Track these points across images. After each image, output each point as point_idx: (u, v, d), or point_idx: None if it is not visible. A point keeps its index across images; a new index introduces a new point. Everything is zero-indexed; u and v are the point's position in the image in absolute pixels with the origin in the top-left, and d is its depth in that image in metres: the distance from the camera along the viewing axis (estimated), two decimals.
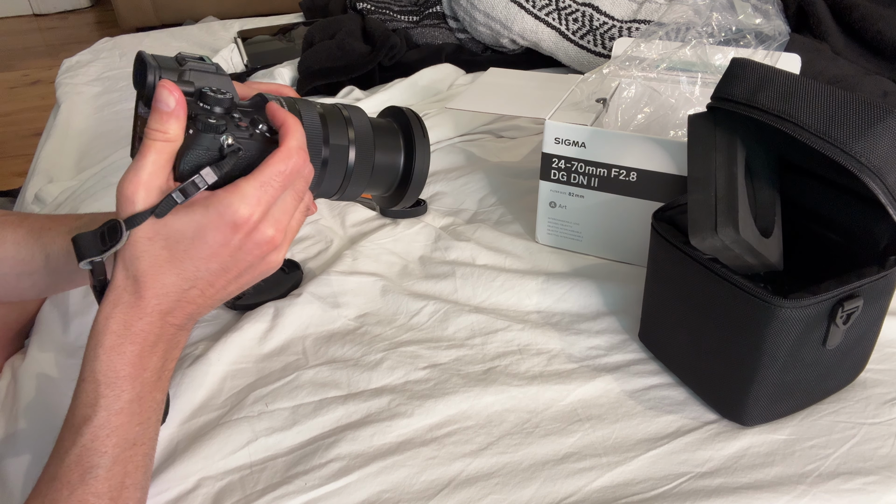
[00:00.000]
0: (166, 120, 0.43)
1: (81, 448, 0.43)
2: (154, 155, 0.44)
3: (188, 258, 0.45)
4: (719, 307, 0.53)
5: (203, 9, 2.77)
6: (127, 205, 0.44)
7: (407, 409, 0.58)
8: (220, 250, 0.46)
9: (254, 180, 0.45)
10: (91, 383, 0.44)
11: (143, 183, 0.44)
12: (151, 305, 0.46)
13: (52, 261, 0.58)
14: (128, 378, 0.45)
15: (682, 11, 0.76)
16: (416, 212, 0.84)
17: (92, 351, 0.45)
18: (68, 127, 1.13)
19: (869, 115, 0.48)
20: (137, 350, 0.45)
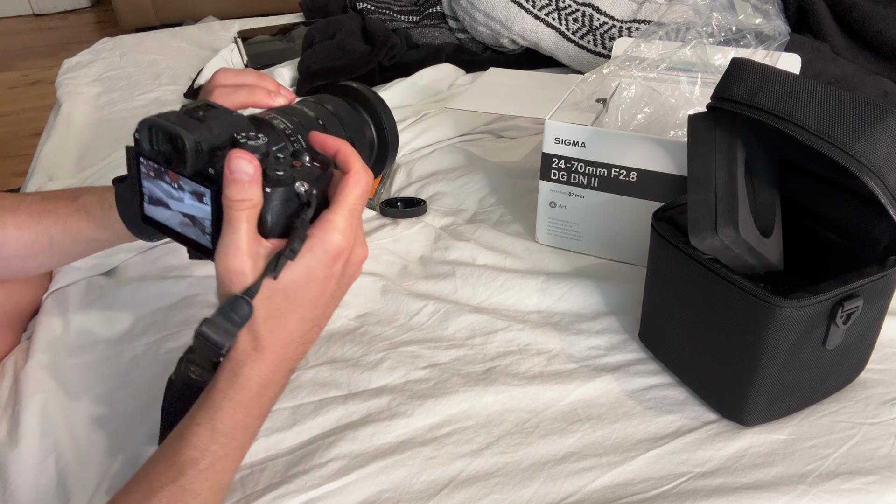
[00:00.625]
0: (249, 187, 0.44)
1: (179, 487, 0.44)
2: (246, 223, 0.45)
3: (306, 301, 0.47)
4: (719, 307, 0.53)
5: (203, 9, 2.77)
6: (238, 278, 0.45)
7: (407, 408, 0.58)
8: (329, 283, 0.48)
9: (341, 210, 0.47)
10: (207, 430, 0.45)
11: (247, 253, 0.45)
12: (278, 355, 0.47)
13: (56, 243, 0.60)
14: (242, 428, 0.47)
15: (682, 11, 0.76)
16: (416, 212, 0.84)
17: (217, 401, 0.46)
18: (68, 126, 1.13)
19: (869, 115, 0.48)
20: (259, 401, 0.47)
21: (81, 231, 0.60)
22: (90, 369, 0.65)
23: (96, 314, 0.70)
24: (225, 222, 0.45)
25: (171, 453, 0.45)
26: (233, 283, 0.45)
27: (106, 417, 0.60)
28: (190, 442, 0.45)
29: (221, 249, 0.45)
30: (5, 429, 0.58)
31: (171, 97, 1.21)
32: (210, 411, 0.45)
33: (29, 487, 0.54)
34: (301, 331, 0.48)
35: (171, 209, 0.49)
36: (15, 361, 0.66)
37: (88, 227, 0.60)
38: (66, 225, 0.59)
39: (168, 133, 0.45)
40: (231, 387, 0.46)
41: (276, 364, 0.47)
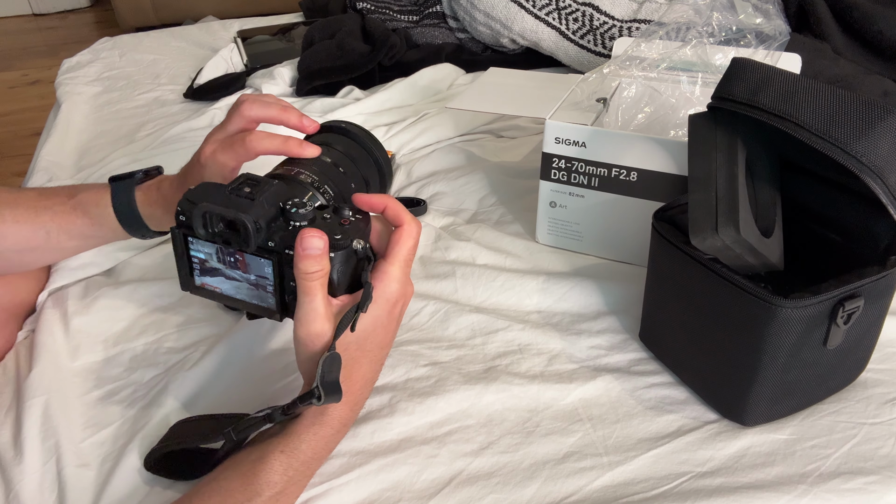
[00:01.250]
0: (320, 260, 0.48)
1: None
2: (321, 291, 0.49)
3: (374, 346, 0.52)
4: (720, 307, 0.53)
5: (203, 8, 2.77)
6: (320, 340, 0.49)
7: (408, 406, 0.58)
8: (390, 327, 0.53)
9: (398, 262, 0.52)
10: (289, 457, 0.48)
11: (325, 316, 0.49)
12: (356, 397, 0.52)
13: (52, 238, 0.61)
14: (317, 460, 0.50)
15: (683, 11, 0.76)
16: (416, 212, 0.84)
17: (301, 434, 0.49)
18: (68, 126, 1.13)
19: (870, 115, 0.48)
20: (336, 437, 0.51)
21: (77, 227, 0.61)
22: (91, 371, 0.65)
23: (96, 314, 0.70)
24: (301, 292, 0.49)
25: (249, 474, 0.47)
26: (315, 344, 0.49)
27: (107, 420, 0.59)
28: (271, 466, 0.47)
29: (301, 317, 0.49)
30: (9, 433, 0.58)
31: (171, 97, 1.21)
32: (294, 443, 0.48)
33: (32, 491, 0.53)
34: (372, 372, 0.53)
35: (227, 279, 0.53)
36: (16, 363, 0.65)
37: (84, 223, 0.61)
38: (63, 221, 0.60)
39: (226, 218, 0.49)
40: (316, 424, 0.49)
41: (353, 405, 0.52)
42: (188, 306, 0.72)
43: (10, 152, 2.29)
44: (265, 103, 0.62)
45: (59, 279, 0.74)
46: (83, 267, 0.76)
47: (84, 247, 0.66)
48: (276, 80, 1.16)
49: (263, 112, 0.62)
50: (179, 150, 0.99)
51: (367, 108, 1.06)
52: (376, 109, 1.07)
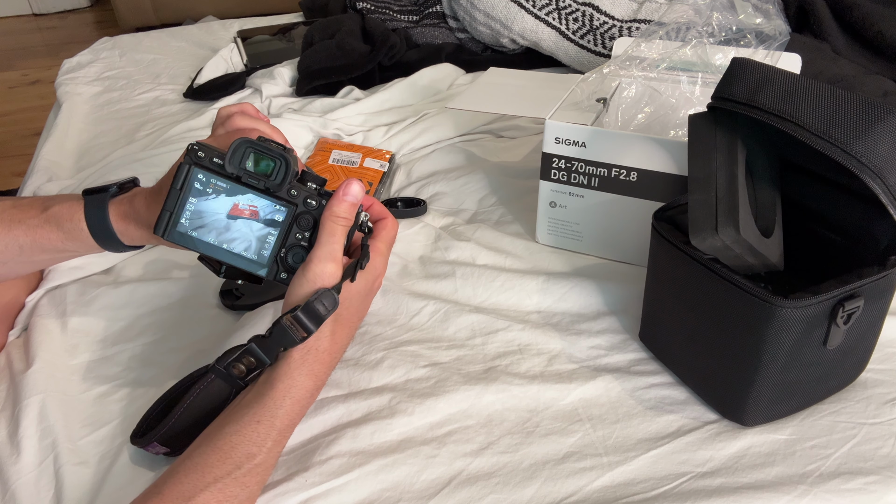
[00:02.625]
0: (353, 210, 0.54)
1: (233, 479, 0.47)
2: (342, 237, 0.53)
3: (357, 313, 0.56)
4: (720, 307, 0.53)
5: (202, 8, 2.77)
6: (329, 278, 0.52)
7: (408, 407, 0.58)
8: (367, 298, 0.57)
9: (385, 241, 0.58)
10: (266, 426, 0.49)
11: (339, 260, 0.53)
12: (332, 360, 0.54)
13: (25, 252, 0.60)
14: (293, 427, 0.52)
15: (683, 11, 0.76)
16: (416, 212, 0.84)
17: (279, 399, 0.50)
18: (68, 126, 1.13)
19: (870, 115, 0.48)
20: (310, 401, 0.53)
21: (50, 242, 0.60)
22: (89, 369, 0.65)
23: (94, 314, 0.70)
24: (326, 233, 0.53)
25: (225, 447, 0.47)
26: (325, 283, 0.52)
27: (105, 418, 0.59)
28: (249, 438, 0.48)
29: (321, 255, 0.52)
30: (5, 431, 0.58)
31: (171, 97, 1.21)
32: (271, 409, 0.49)
33: (28, 490, 0.54)
34: (349, 338, 0.56)
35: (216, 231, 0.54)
36: (11, 362, 0.65)
37: (57, 238, 0.60)
38: (35, 236, 0.60)
39: (271, 156, 0.52)
40: (293, 386, 0.50)
41: (327, 365, 0.53)
42: (186, 307, 0.72)
43: (10, 152, 2.29)
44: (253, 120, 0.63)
45: (57, 278, 0.74)
46: (81, 267, 0.76)
47: (58, 259, 0.67)
48: (276, 80, 1.16)
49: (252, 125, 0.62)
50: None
51: (367, 108, 1.06)
52: (376, 109, 1.07)
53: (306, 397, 0.52)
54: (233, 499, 0.46)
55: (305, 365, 0.51)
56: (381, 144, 0.99)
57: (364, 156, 0.94)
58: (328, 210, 0.53)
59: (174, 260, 0.78)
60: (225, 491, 0.46)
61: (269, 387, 0.50)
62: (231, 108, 0.63)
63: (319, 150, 0.95)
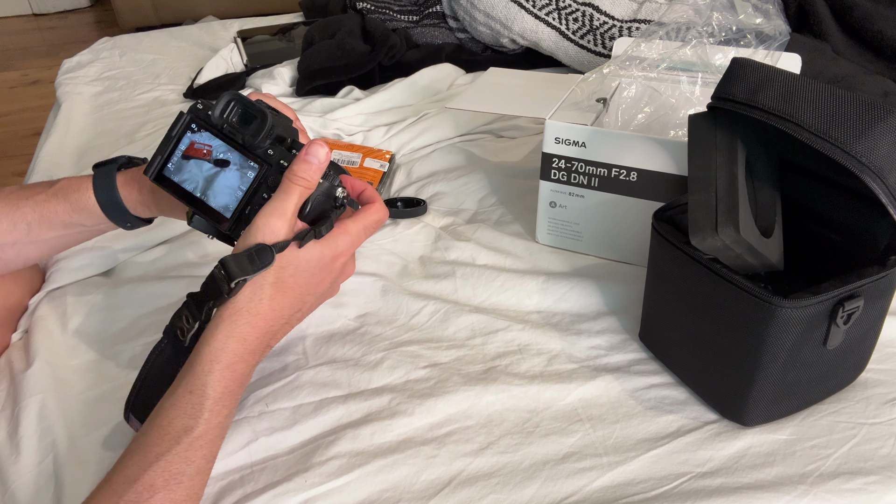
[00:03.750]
0: (315, 171, 0.52)
1: (174, 455, 0.45)
2: (297, 198, 0.52)
3: (305, 284, 0.53)
4: (720, 307, 0.53)
5: (203, 8, 2.77)
6: (270, 233, 0.51)
7: (407, 407, 0.58)
8: (325, 277, 0.54)
9: (359, 223, 0.55)
10: (198, 396, 0.47)
11: (288, 219, 0.51)
12: (268, 324, 0.51)
13: (34, 229, 0.61)
14: (231, 395, 0.49)
15: (683, 11, 0.76)
16: (416, 212, 0.84)
17: (207, 365, 0.48)
18: (68, 126, 1.13)
19: (870, 115, 0.48)
20: (245, 369, 0.51)
21: (57, 215, 0.61)
22: (88, 370, 0.65)
23: (94, 314, 0.70)
24: (280, 190, 0.51)
25: (163, 423, 0.46)
26: (264, 235, 0.50)
27: (104, 418, 0.59)
28: (183, 410, 0.46)
29: (268, 208, 0.51)
30: (4, 431, 0.58)
31: (171, 97, 1.21)
32: (200, 377, 0.47)
33: (28, 489, 0.54)
34: (292, 309, 0.53)
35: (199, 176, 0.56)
36: (11, 362, 0.65)
37: (64, 210, 0.61)
38: (43, 210, 0.61)
39: (249, 109, 0.53)
40: (220, 349, 0.48)
41: (263, 332, 0.51)
42: None
43: (10, 152, 2.29)
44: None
45: (58, 280, 0.74)
46: (82, 268, 0.76)
47: (64, 238, 0.65)
48: (276, 80, 1.16)
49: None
50: None
51: (367, 108, 1.06)
52: (376, 109, 1.07)
53: (237, 362, 0.49)
54: (179, 475, 0.45)
55: (233, 326, 0.49)
56: (381, 144, 0.99)
57: (364, 156, 0.94)
58: (288, 168, 0.52)
59: (174, 260, 0.78)
60: (169, 469, 0.45)
61: (196, 353, 0.49)
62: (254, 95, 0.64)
63: None
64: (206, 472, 0.48)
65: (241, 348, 0.49)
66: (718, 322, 0.54)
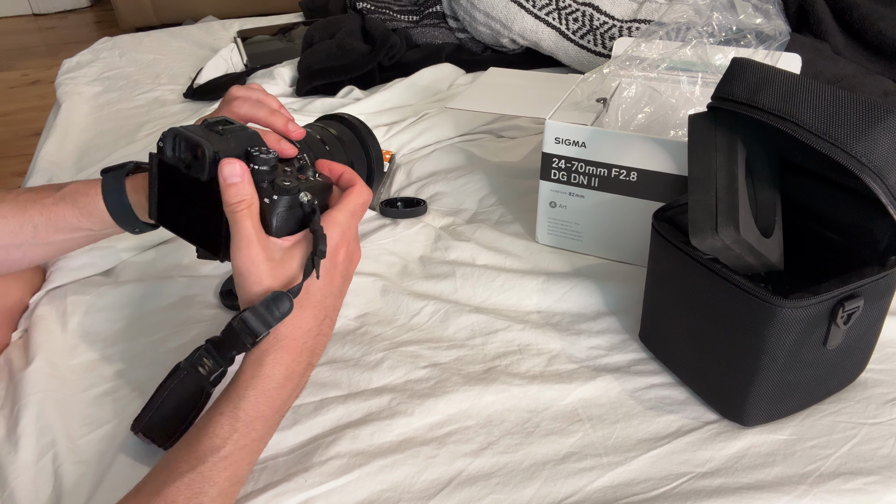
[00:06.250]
0: (241, 188, 0.49)
1: (198, 474, 0.45)
2: (248, 221, 0.50)
3: (316, 291, 0.51)
4: (720, 307, 0.53)
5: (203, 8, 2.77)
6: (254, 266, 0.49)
7: (407, 407, 0.58)
8: (334, 273, 0.53)
9: (344, 210, 0.53)
10: (230, 418, 0.47)
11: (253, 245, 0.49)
12: (298, 344, 0.50)
13: (40, 232, 0.61)
14: (263, 420, 0.49)
15: (683, 11, 0.76)
16: (416, 212, 0.84)
17: (241, 390, 0.48)
18: (68, 126, 1.13)
19: (870, 115, 0.48)
20: (280, 392, 0.50)
21: (65, 219, 0.61)
22: (88, 369, 0.65)
23: (95, 314, 0.70)
24: (231, 225, 0.50)
25: (193, 441, 0.46)
26: (249, 272, 0.49)
27: (104, 417, 0.59)
28: (213, 430, 0.46)
29: (234, 248, 0.49)
30: (3, 429, 0.58)
31: (171, 97, 1.21)
32: (234, 400, 0.47)
33: (27, 488, 0.53)
34: (316, 320, 0.52)
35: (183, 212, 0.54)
36: (11, 361, 0.65)
37: (72, 214, 0.61)
38: (51, 213, 0.61)
39: (190, 142, 0.51)
40: (256, 376, 0.48)
41: (297, 353, 0.50)
42: (188, 307, 0.71)
43: (10, 152, 2.29)
44: (255, 103, 0.63)
45: (59, 279, 0.74)
46: (82, 267, 0.76)
47: (72, 241, 0.65)
48: (276, 80, 1.16)
49: (252, 112, 0.62)
50: None
51: (367, 108, 1.06)
52: (376, 109, 1.07)
53: (273, 387, 0.49)
54: (201, 495, 0.45)
55: (268, 357, 0.49)
56: (381, 144, 0.98)
57: None
58: (224, 202, 0.50)
59: (174, 260, 0.78)
60: (192, 486, 0.44)
61: (235, 377, 0.49)
62: (238, 92, 0.63)
63: None
64: (228, 494, 0.47)
65: (277, 374, 0.49)
66: (718, 322, 0.54)
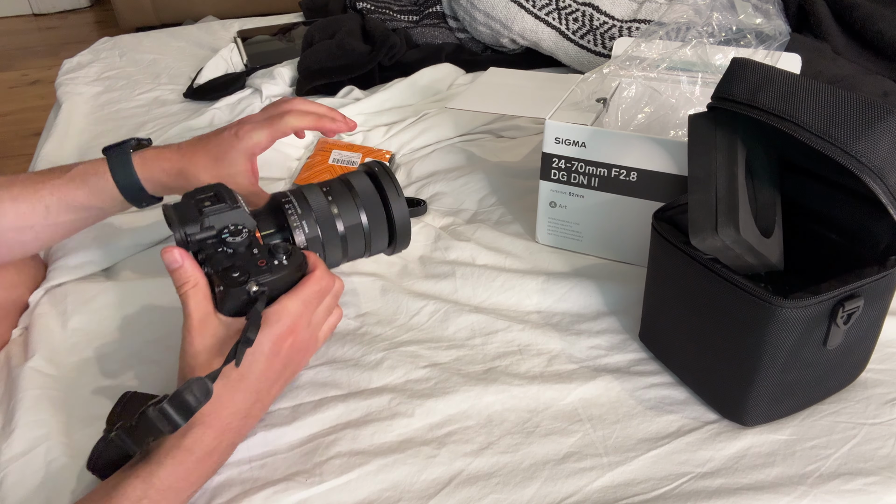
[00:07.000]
0: (185, 272, 0.51)
1: None
2: (192, 301, 0.51)
3: (252, 374, 0.51)
4: (720, 307, 0.53)
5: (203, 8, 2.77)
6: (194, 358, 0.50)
7: (407, 408, 0.58)
8: (274, 360, 0.52)
9: (295, 298, 0.52)
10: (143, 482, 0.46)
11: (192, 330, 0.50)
12: (223, 424, 0.50)
13: (52, 212, 0.63)
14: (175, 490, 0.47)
15: (683, 11, 0.76)
16: (416, 212, 0.84)
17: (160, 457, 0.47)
18: (68, 126, 1.13)
19: (870, 115, 0.48)
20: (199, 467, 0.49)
21: (76, 198, 0.63)
22: (87, 366, 0.65)
23: (94, 312, 0.70)
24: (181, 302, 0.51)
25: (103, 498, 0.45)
26: (185, 351, 0.50)
27: (101, 413, 0.59)
28: (124, 491, 0.45)
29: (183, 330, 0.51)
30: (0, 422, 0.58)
31: (171, 97, 1.21)
32: (151, 465, 0.46)
33: (16, 477, 0.54)
34: (246, 403, 0.51)
35: None
36: (10, 358, 0.65)
37: (82, 194, 0.63)
38: (61, 193, 0.63)
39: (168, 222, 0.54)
40: (176, 447, 0.47)
41: (220, 433, 0.49)
42: None
43: (10, 152, 2.29)
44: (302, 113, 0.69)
45: (58, 276, 0.74)
46: (82, 265, 0.76)
47: (80, 221, 0.67)
48: (276, 80, 1.16)
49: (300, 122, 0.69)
50: None
51: (367, 108, 1.06)
52: (376, 109, 1.07)
53: (192, 461, 0.47)
54: None
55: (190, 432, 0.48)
56: (381, 144, 0.99)
57: (364, 156, 0.94)
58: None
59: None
60: None
61: (157, 445, 0.47)
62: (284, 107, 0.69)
63: (319, 150, 0.95)
64: None
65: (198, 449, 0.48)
66: (718, 322, 0.54)
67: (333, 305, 0.58)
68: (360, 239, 0.61)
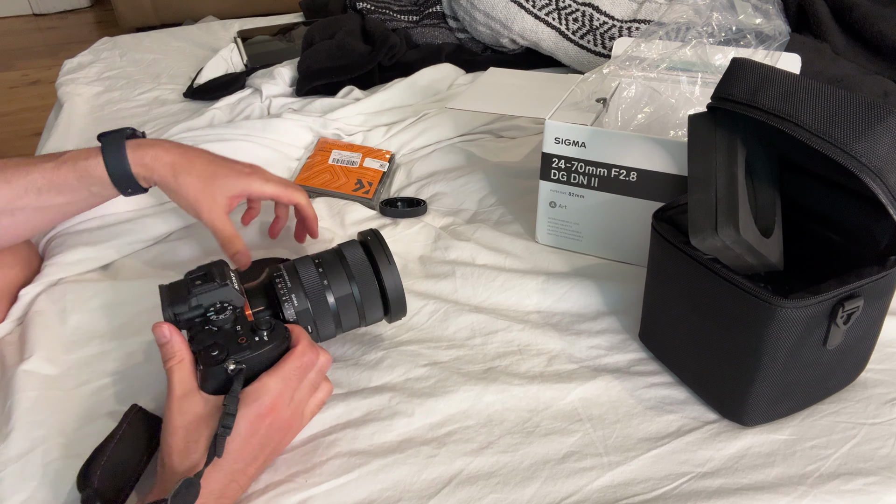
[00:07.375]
0: (172, 347, 0.52)
1: None
2: (177, 376, 0.51)
3: (226, 455, 0.49)
4: (720, 307, 0.53)
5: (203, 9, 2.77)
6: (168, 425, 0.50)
7: (408, 407, 0.58)
8: (252, 440, 0.51)
9: (276, 375, 0.52)
10: None
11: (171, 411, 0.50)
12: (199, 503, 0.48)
13: (43, 195, 0.64)
14: None
15: (683, 11, 0.76)
16: (416, 212, 0.84)
17: None
18: (68, 126, 1.13)
19: (869, 116, 0.48)
20: None
21: (67, 181, 0.64)
22: (85, 365, 0.65)
23: (93, 310, 0.70)
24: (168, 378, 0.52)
25: None
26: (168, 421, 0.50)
27: (99, 412, 0.59)
28: None
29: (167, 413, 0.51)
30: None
31: (171, 97, 1.21)
32: None
33: (13, 479, 0.53)
34: (220, 483, 0.50)
35: None
36: (5, 356, 0.65)
37: (73, 177, 0.64)
38: (52, 176, 0.63)
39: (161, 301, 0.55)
40: None
41: None
42: None
43: (10, 152, 2.29)
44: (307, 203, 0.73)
45: (55, 272, 0.74)
46: (79, 262, 0.76)
47: (72, 205, 0.67)
48: (276, 80, 1.16)
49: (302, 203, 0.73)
50: None
51: (367, 108, 1.06)
52: (376, 109, 1.07)
53: None
54: None
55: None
56: (381, 144, 0.99)
57: (364, 156, 0.94)
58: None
59: (174, 257, 0.78)
60: None
61: None
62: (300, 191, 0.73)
63: (319, 150, 0.95)
64: None
65: None
66: (718, 322, 0.54)
67: (319, 381, 0.55)
68: (352, 309, 0.59)
